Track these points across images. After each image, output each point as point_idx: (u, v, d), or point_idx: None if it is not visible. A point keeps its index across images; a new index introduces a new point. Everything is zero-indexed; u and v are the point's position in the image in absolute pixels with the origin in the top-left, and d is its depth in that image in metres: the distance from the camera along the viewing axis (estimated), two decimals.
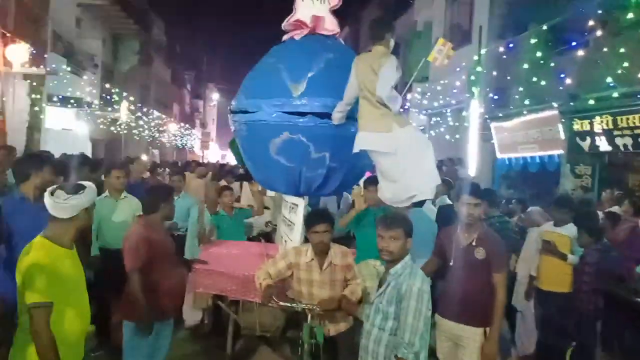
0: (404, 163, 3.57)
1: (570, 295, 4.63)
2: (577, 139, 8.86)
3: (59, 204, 2.55)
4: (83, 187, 2.65)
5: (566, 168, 9.05)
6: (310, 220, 3.71)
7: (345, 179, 4.45)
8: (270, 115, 4.01)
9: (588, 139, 8.64)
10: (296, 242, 4.17)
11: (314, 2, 4.40)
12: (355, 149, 3.71)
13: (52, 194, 2.57)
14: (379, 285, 3.12)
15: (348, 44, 27.48)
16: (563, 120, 9.05)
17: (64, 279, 2.53)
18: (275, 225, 6.01)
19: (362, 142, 3.66)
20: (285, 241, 4.63)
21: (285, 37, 4.52)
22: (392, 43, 3.71)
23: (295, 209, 4.39)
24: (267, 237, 7.03)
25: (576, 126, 8.79)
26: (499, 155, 11.48)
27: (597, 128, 8.34)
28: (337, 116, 3.90)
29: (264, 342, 5.09)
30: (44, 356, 2.42)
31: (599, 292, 4.53)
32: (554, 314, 4.67)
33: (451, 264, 3.76)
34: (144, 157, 10.94)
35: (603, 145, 8.36)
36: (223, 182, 8.71)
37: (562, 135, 9.15)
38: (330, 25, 4.44)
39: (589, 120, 8.48)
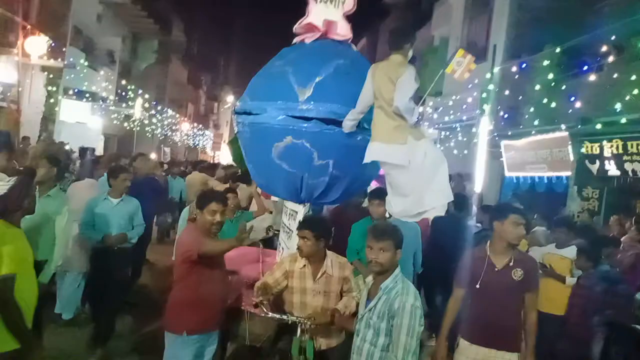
0: (416, 177, 3.47)
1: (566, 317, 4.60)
2: (586, 162, 8.81)
3: (1, 187, 2.82)
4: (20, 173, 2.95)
5: (574, 190, 9.01)
6: (298, 225, 3.67)
7: (349, 188, 4.33)
8: (275, 119, 3.93)
9: (597, 163, 8.60)
10: (293, 250, 4.02)
11: (328, 6, 4.31)
12: (367, 159, 3.61)
13: None
14: (368, 298, 3.02)
15: (365, 56, 27.69)
16: (573, 142, 9.01)
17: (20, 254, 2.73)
18: (277, 231, 5.97)
19: (375, 153, 3.55)
20: (283, 248, 4.55)
21: (295, 40, 4.43)
22: (410, 53, 3.62)
23: (295, 215, 4.31)
24: (270, 242, 6.99)
25: (586, 149, 8.75)
26: (507, 174, 11.44)
27: (607, 152, 8.30)
28: (349, 124, 3.79)
29: (254, 352, 4.99)
30: (15, 324, 2.64)
31: (593, 316, 4.48)
32: (552, 337, 4.63)
33: (477, 286, 3.46)
34: (153, 155, 10.99)
35: (612, 169, 8.31)
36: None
37: (571, 157, 9.11)
38: (343, 31, 4.35)
39: (598, 144, 8.44)
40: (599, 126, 8.05)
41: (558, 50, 8.50)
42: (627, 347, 4.90)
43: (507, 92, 10.39)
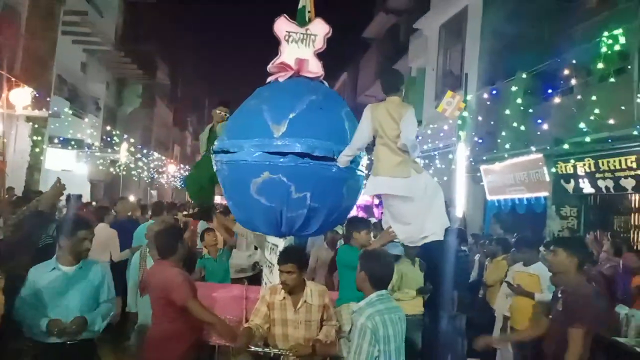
0: (418, 207, 3.81)
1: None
2: (562, 181, 9.07)
3: None
4: None
5: (552, 210, 9.22)
6: (279, 259, 3.72)
7: (328, 219, 4.39)
8: (252, 155, 4.02)
9: (572, 182, 8.85)
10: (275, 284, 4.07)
11: (299, 46, 4.48)
12: (372, 192, 4.01)
13: None
14: None
15: (347, 88, 28.06)
16: (547, 163, 9.28)
17: None
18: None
19: (381, 186, 3.85)
20: (266, 283, 4.58)
21: (269, 79, 4.57)
22: (403, 93, 3.96)
23: (276, 250, 4.34)
24: (256, 278, 7.01)
25: (560, 169, 9.02)
26: (488, 197, 11.66)
27: (580, 171, 8.57)
28: (345, 160, 4.01)
29: None
30: None
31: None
32: (527, 354, 4.73)
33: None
34: (131, 198, 11.11)
35: (586, 187, 8.56)
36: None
37: (547, 178, 9.36)
38: (314, 68, 4.50)
39: (572, 164, 8.71)
40: (570, 146, 8.33)
41: (526, 75, 8.85)
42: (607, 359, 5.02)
43: (482, 119, 10.72)
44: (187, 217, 8.20)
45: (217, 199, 6.94)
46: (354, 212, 5.95)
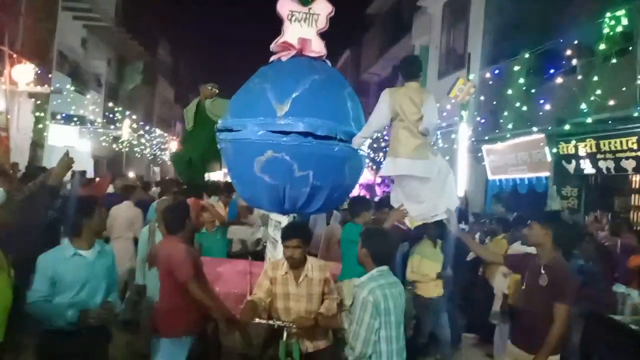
0: (432, 186, 4.03)
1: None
2: (563, 162, 9.09)
3: None
4: None
5: (553, 190, 9.26)
6: (283, 235, 3.78)
7: (330, 197, 4.49)
8: (255, 134, 4.09)
9: (573, 162, 8.87)
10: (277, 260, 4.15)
11: (302, 25, 4.53)
12: (392, 173, 4.12)
13: None
14: None
15: (350, 66, 27.82)
16: (549, 143, 9.29)
17: None
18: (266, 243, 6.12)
19: (402, 167, 4.00)
20: (269, 259, 4.70)
21: (272, 58, 4.61)
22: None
23: (279, 226, 4.45)
24: (259, 255, 7.12)
25: (561, 149, 9.03)
26: (490, 177, 11.70)
27: (581, 152, 8.58)
28: (360, 141, 4.26)
29: None
30: None
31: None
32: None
33: (523, 287, 3.79)
34: (131, 174, 11.15)
35: (587, 168, 8.59)
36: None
37: (549, 158, 9.39)
38: (317, 47, 4.57)
39: (573, 144, 8.72)
40: (572, 127, 8.34)
41: (529, 55, 8.81)
42: (603, 336, 5.15)
43: (485, 98, 10.70)
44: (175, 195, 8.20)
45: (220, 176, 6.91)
46: (356, 191, 6.04)
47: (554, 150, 9.15)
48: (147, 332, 4.31)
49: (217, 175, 11.07)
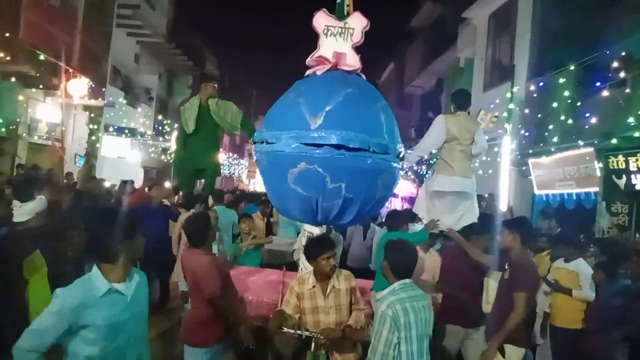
0: (470, 200, 4.90)
1: (581, 331, 4.62)
2: (613, 177, 8.71)
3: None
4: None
5: (602, 206, 8.88)
6: (321, 248, 3.80)
7: (362, 209, 4.47)
8: (289, 146, 4.13)
9: (624, 177, 8.49)
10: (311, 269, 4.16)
11: (337, 39, 4.57)
12: (448, 189, 4.81)
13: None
14: None
15: (394, 79, 27.68)
16: (598, 157, 8.94)
17: None
18: None
19: (457, 184, 4.79)
20: (302, 269, 4.71)
21: (308, 72, 4.66)
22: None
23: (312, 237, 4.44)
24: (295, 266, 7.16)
25: (611, 164, 8.67)
26: (536, 192, 11.34)
27: (633, 166, 8.21)
28: (414, 159, 4.98)
29: None
30: None
31: (611, 331, 4.48)
32: (566, 351, 4.66)
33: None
34: (167, 184, 11.34)
35: (638, 183, 8.21)
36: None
37: (598, 173, 9.03)
38: (352, 61, 4.58)
39: (624, 158, 8.36)
40: (619, 141, 8.00)
41: (574, 67, 8.54)
42: None
43: (530, 111, 10.43)
44: (177, 206, 7.94)
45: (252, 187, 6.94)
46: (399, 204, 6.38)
47: (603, 164, 8.79)
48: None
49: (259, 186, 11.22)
